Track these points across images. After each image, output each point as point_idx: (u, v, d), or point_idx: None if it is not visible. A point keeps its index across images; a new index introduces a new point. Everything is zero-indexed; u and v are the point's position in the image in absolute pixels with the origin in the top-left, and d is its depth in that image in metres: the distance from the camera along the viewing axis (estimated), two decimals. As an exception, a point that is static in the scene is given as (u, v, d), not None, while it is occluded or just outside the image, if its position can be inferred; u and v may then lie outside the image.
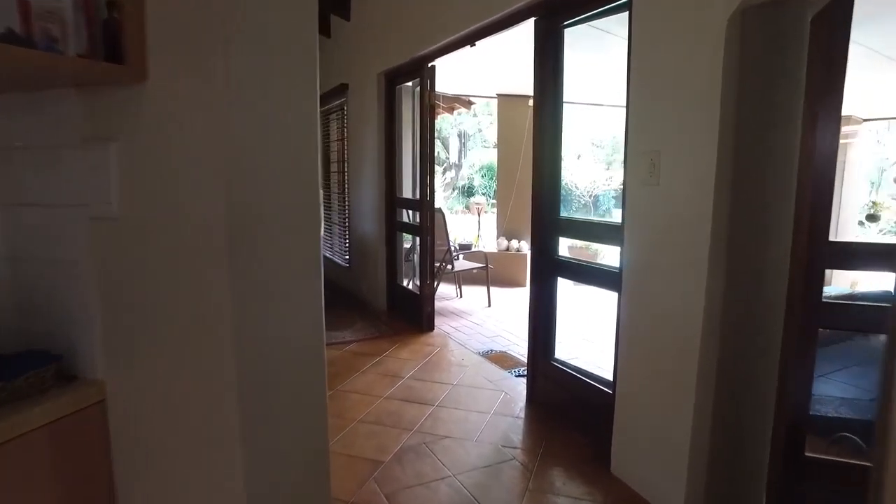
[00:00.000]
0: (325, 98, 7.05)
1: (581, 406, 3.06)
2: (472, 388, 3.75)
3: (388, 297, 5.69)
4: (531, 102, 7.97)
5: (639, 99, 2.35)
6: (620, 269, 2.57)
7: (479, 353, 4.55)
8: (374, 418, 3.29)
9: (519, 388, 3.73)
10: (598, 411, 2.88)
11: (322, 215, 1.24)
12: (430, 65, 4.64)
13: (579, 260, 3.12)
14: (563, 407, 3.21)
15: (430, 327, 5.02)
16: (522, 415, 3.35)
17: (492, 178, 21.53)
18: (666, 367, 2.27)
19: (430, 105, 4.67)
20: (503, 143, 8.04)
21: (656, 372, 2.34)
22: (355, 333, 4.96)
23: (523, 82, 7.10)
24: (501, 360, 4.44)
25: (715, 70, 1.97)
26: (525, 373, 3.96)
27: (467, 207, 19.74)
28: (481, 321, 5.68)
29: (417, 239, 5.32)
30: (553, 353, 3.36)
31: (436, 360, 4.31)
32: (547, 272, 3.25)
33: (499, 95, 7.92)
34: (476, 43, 3.91)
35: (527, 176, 7.88)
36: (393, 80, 5.37)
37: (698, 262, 2.07)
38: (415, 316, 5.10)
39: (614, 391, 2.63)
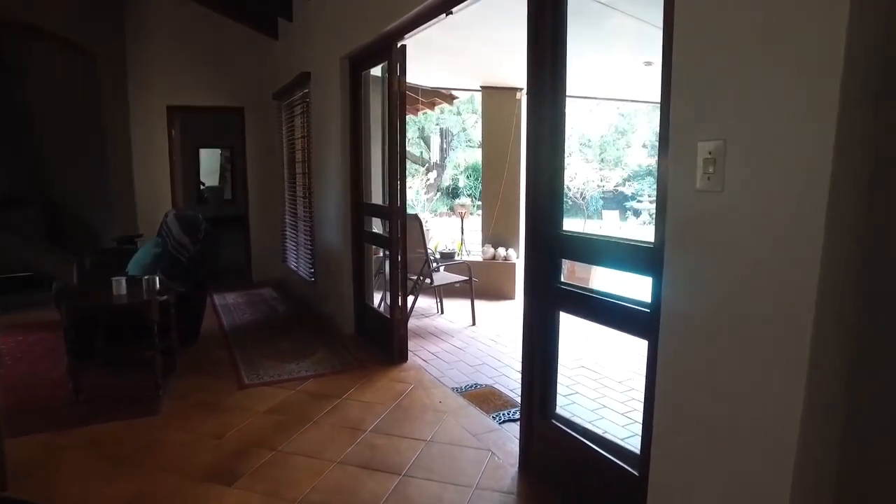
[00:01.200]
0: (288, 90, 6.24)
1: (594, 483, 2.30)
2: (451, 447, 2.97)
3: (356, 320, 4.89)
4: (519, 95, 7.26)
5: (689, 61, 1.58)
6: (654, 308, 1.81)
7: (461, 391, 3.78)
8: (321, 497, 2.50)
9: (509, 445, 2.96)
10: (619, 495, 2.12)
11: None
12: (399, 44, 3.85)
13: (592, 291, 2.33)
14: (568, 481, 2.44)
15: (403, 357, 4.23)
16: (515, 489, 2.57)
17: (477, 179, 20.79)
18: (736, 467, 1.51)
19: (400, 92, 3.88)
20: (488, 141, 7.27)
21: (717, 470, 1.57)
22: (315, 366, 4.15)
23: (510, 72, 6.35)
24: (487, 398, 3.67)
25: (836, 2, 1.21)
26: (517, 416, 3.26)
27: (452, 209, 18.98)
28: (464, 344, 4.91)
29: (387, 255, 4.51)
30: (553, 408, 2.58)
31: (407, 403, 3.52)
32: (545, 305, 2.47)
33: (483, 88, 7.15)
34: (453, 10, 3.13)
35: (514, 177, 7.20)
36: (358, 65, 4.59)
37: (798, 309, 1.31)
38: (385, 344, 4.31)
39: (645, 474, 1.87)
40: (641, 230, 15.82)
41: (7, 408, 3.47)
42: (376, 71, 4.62)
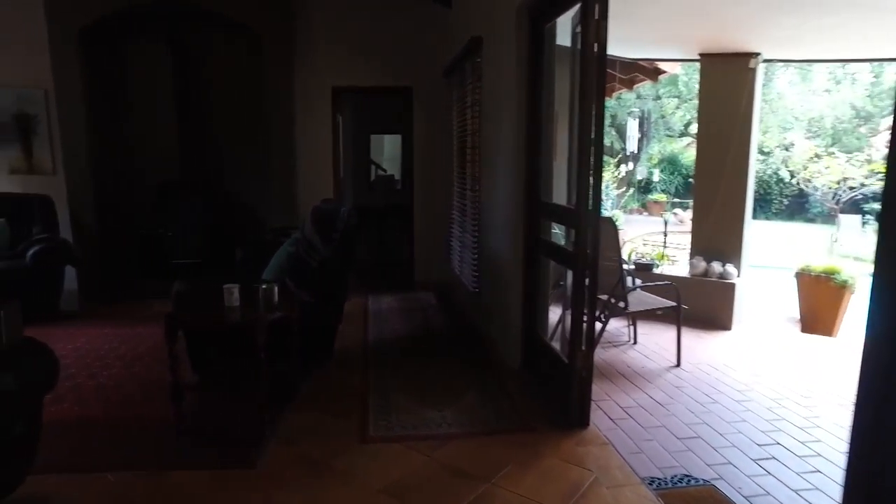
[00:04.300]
0: (457, 63, 5.30)
1: None
2: None
3: (524, 353, 3.79)
4: (754, 63, 5.53)
5: None
6: None
7: (665, 486, 2.53)
8: None
9: None
10: None
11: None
12: (601, -26, 2.64)
13: None
14: None
15: (584, 422, 3.02)
16: None
17: (672, 174, 18.35)
18: None
19: (599, 45, 2.67)
20: (707, 126, 5.67)
21: None
22: (461, 417, 3.13)
23: (746, 29, 4.71)
24: (711, 514, 2.37)
25: None
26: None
27: (644, 206, 16.99)
28: (667, 397, 3.59)
29: (569, 273, 3.29)
30: None
31: (586, 510, 2.34)
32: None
33: (703, 56, 5.55)
34: None
35: (740, 173, 5.43)
36: (539, 17, 3.42)
37: None
38: (559, 396, 3.14)
39: None
40: None
41: (109, 424, 3.01)
42: (563, 38, 3.40)
